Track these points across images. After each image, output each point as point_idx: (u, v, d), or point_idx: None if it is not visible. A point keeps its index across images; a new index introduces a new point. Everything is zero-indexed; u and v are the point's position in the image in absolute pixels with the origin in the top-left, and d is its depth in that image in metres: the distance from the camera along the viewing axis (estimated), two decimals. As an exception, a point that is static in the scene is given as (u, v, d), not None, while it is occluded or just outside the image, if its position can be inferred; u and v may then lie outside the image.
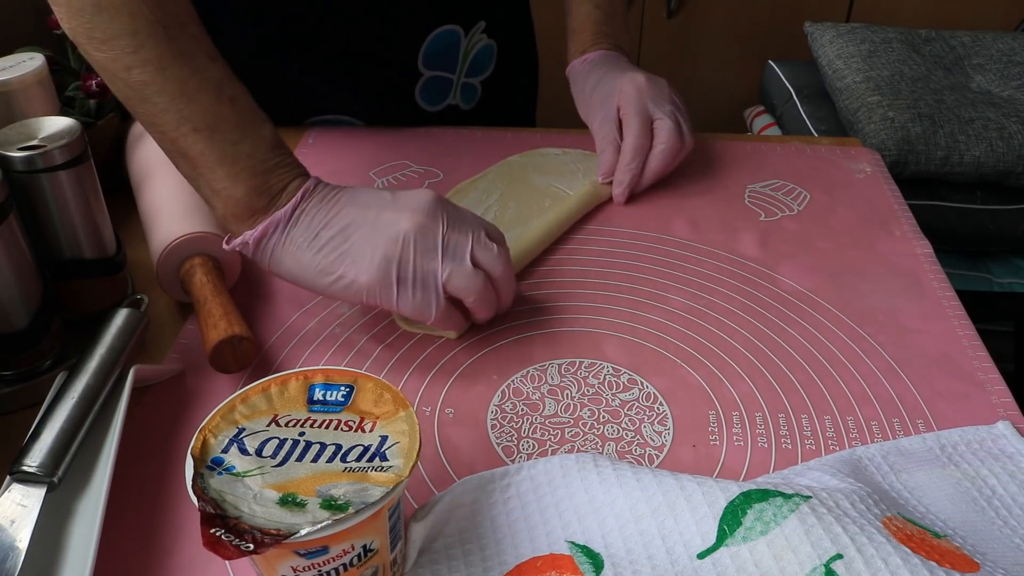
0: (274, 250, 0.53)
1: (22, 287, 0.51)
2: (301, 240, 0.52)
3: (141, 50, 0.49)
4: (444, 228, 0.52)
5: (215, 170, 0.52)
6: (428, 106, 0.85)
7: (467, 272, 0.53)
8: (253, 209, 0.52)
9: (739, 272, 0.65)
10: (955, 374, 0.55)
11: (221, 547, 0.33)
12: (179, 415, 0.52)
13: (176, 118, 0.51)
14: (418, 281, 0.52)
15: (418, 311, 0.52)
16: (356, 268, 0.51)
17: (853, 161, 0.80)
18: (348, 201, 0.53)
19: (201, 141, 0.51)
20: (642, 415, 0.52)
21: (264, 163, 0.53)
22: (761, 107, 1.76)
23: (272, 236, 0.53)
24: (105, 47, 0.50)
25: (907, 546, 0.39)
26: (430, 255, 0.52)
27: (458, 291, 0.53)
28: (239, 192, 0.52)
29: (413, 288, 0.52)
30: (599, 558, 0.41)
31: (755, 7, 1.89)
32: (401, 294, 0.52)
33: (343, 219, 0.52)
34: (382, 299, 0.52)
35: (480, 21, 0.83)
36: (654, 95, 0.73)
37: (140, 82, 0.50)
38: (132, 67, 0.50)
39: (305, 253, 0.52)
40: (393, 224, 0.52)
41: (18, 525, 0.40)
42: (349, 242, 0.52)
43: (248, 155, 0.52)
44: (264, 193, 0.53)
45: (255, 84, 0.56)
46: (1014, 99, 1.46)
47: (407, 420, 0.39)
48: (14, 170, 0.51)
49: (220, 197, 0.53)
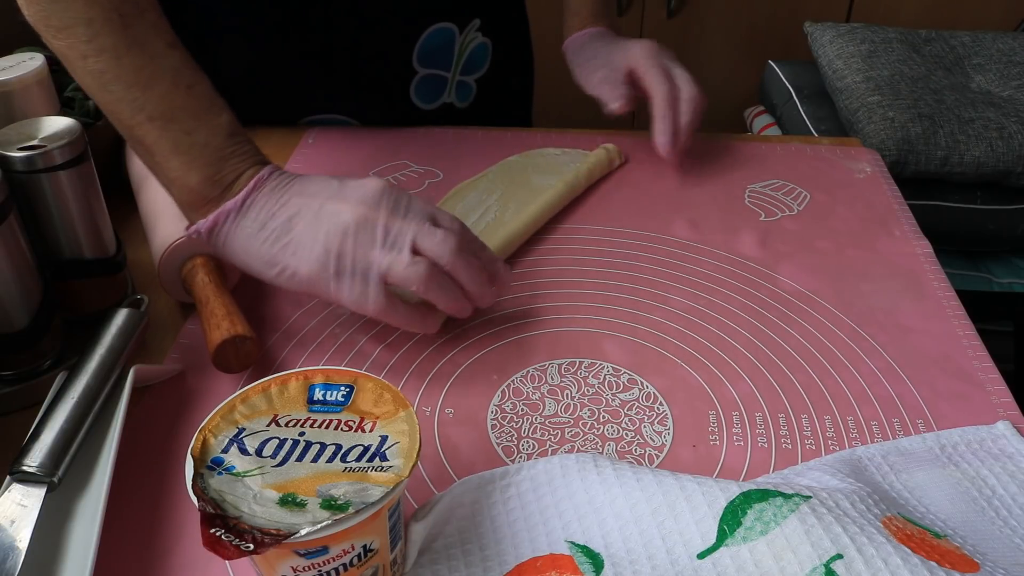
0: (227, 239, 0.53)
1: (22, 287, 0.51)
2: (250, 229, 0.52)
3: (96, 38, 0.49)
4: (386, 217, 0.51)
5: (169, 159, 0.52)
6: (423, 104, 0.85)
7: (406, 261, 0.51)
8: (207, 198, 0.53)
9: (739, 272, 0.65)
10: (955, 374, 0.55)
11: (221, 547, 0.33)
12: (179, 415, 0.52)
13: (131, 107, 0.51)
14: (357, 273, 0.51)
15: (357, 303, 0.52)
16: (297, 259, 0.51)
17: (853, 161, 0.80)
18: (297, 191, 0.53)
19: (156, 130, 0.51)
20: (642, 415, 0.52)
21: (219, 152, 0.53)
22: (761, 107, 1.76)
23: (224, 225, 0.53)
24: (62, 35, 0.50)
25: (907, 546, 0.39)
26: (368, 246, 0.51)
27: (400, 281, 0.51)
28: (192, 181, 0.52)
29: (352, 280, 0.51)
30: (599, 558, 0.41)
31: (755, 7, 1.89)
32: (339, 286, 0.51)
33: (289, 209, 0.52)
34: (322, 290, 0.52)
35: (474, 19, 0.83)
36: (666, 55, 0.77)
37: (96, 70, 0.50)
38: (88, 55, 0.50)
39: (253, 242, 0.52)
40: (335, 215, 0.51)
41: (18, 525, 0.40)
42: (292, 233, 0.51)
43: (203, 144, 0.52)
44: (218, 182, 0.52)
45: (252, 84, 0.56)
46: (1014, 99, 1.46)
47: (407, 420, 0.39)
48: (14, 170, 0.51)
49: (175, 185, 0.53)
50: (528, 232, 0.68)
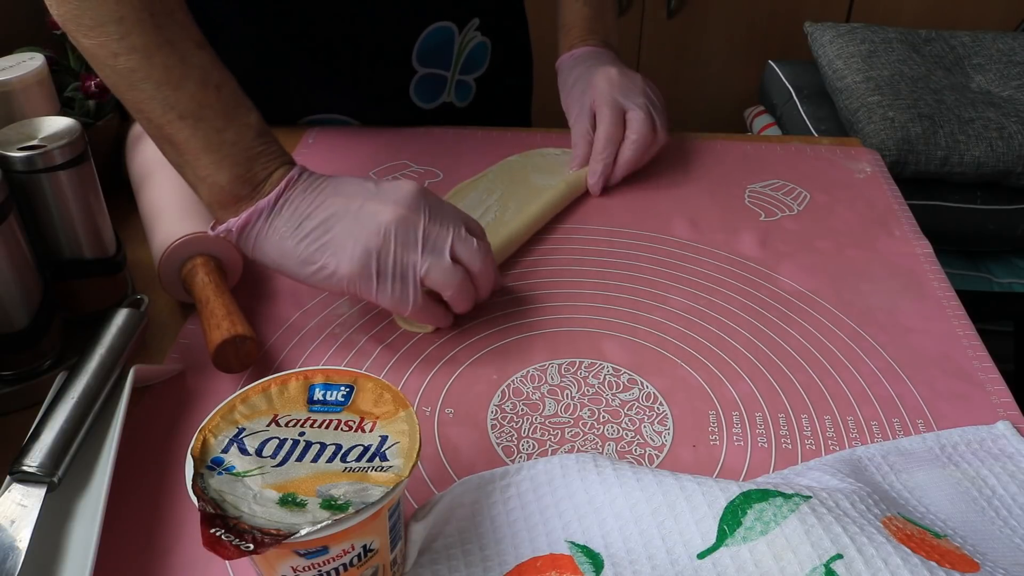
0: (257, 238, 0.53)
1: (22, 287, 0.51)
2: (284, 229, 0.53)
3: (128, 37, 0.50)
4: (425, 221, 0.53)
5: (200, 157, 0.52)
6: (423, 103, 0.85)
7: (446, 266, 0.53)
8: (238, 196, 0.53)
9: (739, 272, 0.65)
10: (955, 374, 0.55)
11: (221, 547, 0.33)
12: (179, 415, 0.52)
13: (162, 105, 0.51)
14: (397, 274, 0.52)
15: (396, 304, 0.53)
16: (337, 259, 0.52)
17: (853, 161, 0.80)
18: (332, 191, 0.53)
19: (186, 128, 0.52)
20: (642, 415, 0.52)
21: (249, 151, 0.53)
22: (761, 107, 1.76)
23: (256, 224, 0.53)
24: (93, 34, 0.50)
25: (907, 546, 0.39)
26: (410, 248, 0.52)
27: (436, 285, 0.53)
28: (223, 179, 0.52)
29: (392, 281, 0.52)
30: (599, 558, 0.41)
31: (755, 7, 1.89)
32: (380, 286, 0.52)
33: (326, 209, 0.53)
34: (362, 290, 0.52)
35: (474, 18, 0.84)
36: (626, 88, 0.74)
37: (127, 69, 0.51)
38: (119, 54, 0.50)
39: (288, 242, 0.53)
40: (375, 216, 0.52)
41: (18, 525, 0.40)
42: (331, 232, 0.52)
43: (233, 143, 0.53)
44: (248, 181, 0.53)
45: (250, 83, 0.56)
46: (1014, 99, 1.46)
47: (407, 420, 0.39)
48: (14, 170, 0.51)
49: (205, 184, 0.53)
50: (529, 232, 0.68)
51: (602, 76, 0.75)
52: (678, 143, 0.82)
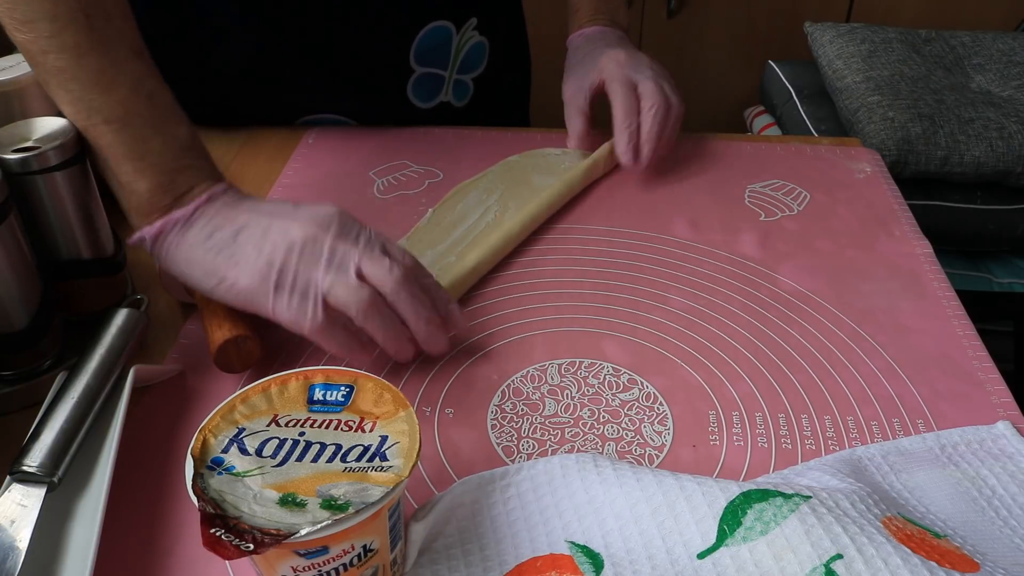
0: (169, 248, 0.53)
1: (22, 287, 0.51)
2: (195, 240, 0.52)
3: (59, 36, 0.49)
4: (332, 238, 0.50)
5: (121, 164, 0.52)
6: (420, 103, 0.85)
7: (349, 284, 0.50)
8: (155, 206, 0.52)
9: (739, 272, 0.65)
10: (955, 374, 0.55)
11: (221, 547, 0.33)
12: (179, 415, 0.52)
13: (87, 108, 0.51)
14: (297, 289, 0.50)
15: (294, 318, 0.50)
16: (238, 270, 0.50)
17: (853, 161, 0.80)
18: (249, 207, 0.53)
19: (110, 133, 0.51)
20: (642, 415, 0.52)
21: (173, 162, 0.52)
22: (761, 107, 1.76)
23: (170, 233, 0.52)
24: (25, 28, 0.50)
25: (907, 546, 0.39)
26: (312, 264, 0.50)
27: (339, 303, 0.50)
28: (142, 187, 0.52)
29: (291, 295, 0.50)
30: (599, 558, 0.41)
31: (755, 7, 1.89)
32: (278, 300, 0.50)
33: (238, 223, 0.52)
34: (259, 303, 0.50)
35: (472, 18, 0.84)
36: (634, 65, 0.75)
37: (56, 68, 0.50)
38: (49, 52, 0.50)
39: (196, 252, 0.52)
40: (283, 231, 0.50)
41: (18, 525, 0.40)
42: (235, 244, 0.51)
43: (157, 152, 0.52)
44: (169, 191, 0.52)
45: (247, 83, 0.56)
46: (1014, 99, 1.46)
47: (407, 420, 0.39)
48: (9, 172, 0.51)
49: (126, 190, 0.53)
50: (525, 232, 0.68)
51: (609, 58, 0.76)
52: (678, 143, 0.82)
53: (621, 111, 0.74)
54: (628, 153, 0.73)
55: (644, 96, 0.74)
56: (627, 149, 0.73)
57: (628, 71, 0.75)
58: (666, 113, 0.74)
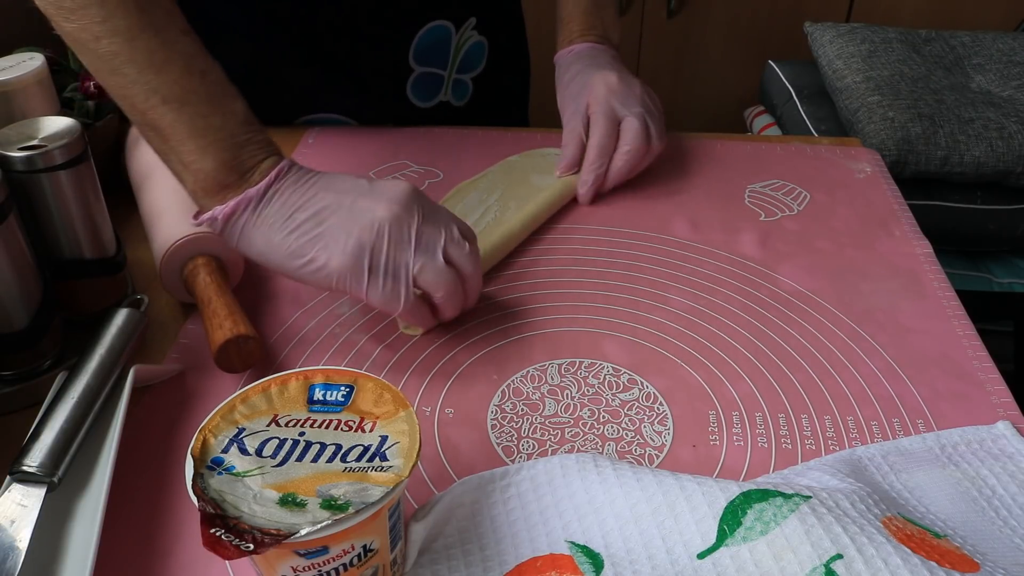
0: (244, 228, 0.52)
1: (22, 287, 0.51)
2: (273, 220, 0.52)
3: (110, 20, 0.49)
4: (419, 221, 0.52)
5: (185, 143, 0.51)
6: (420, 102, 0.85)
7: (439, 267, 0.52)
8: (223, 184, 0.52)
9: (739, 272, 0.65)
10: (955, 374, 0.55)
11: (221, 547, 0.33)
12: (179, 415, 0.52)
13: (145, 89, 0.50)
14: (389, 271, 0.51)
15: (386, 302, 0.52)
16: (328, 253, 0.51)
17: (853, 161, 0.80)
18: (324, 185, 0.53)
19: (170, 113, 0.51)
20: (642, 415, 0.52)
21: (235, 137, 0.52)
22: (761, 107, 1.76)
23: (243, 213, 0.52)
24: (74, 17, 0.50)
25: (907, 546, 0.39)
26: (403, 246, 0.51)
27: (428, 285, 0.52)
28: (209, 165, 0.51)
29: (384, 278, 0.51)
30: (599, 558, 0.41)
31: (755, 7, 1.89)
32: (372, 283, 0.51)
33: (318, 202, 0.52)
34: (352, 286, 0.51)
35: (471, 17, 0.84)
36: (623, 95, 0.73)
37: (109, 52, 0.50)
38: (101, 37, 0.50)
39: (277, 234, 0.51)
40: (369, 212, 0.51)
41: (18, 525, 0.40)
42: (323, 226, 0.51)
43: (218, 128, 0.52)
44: (235, 168, 0.52)
45: (247, 82, 0.56)
46: (1014, 99, 1.46)
47: (407, 420, 0.39)
48: (14, 170, 0.51)
49: (190, 170, 0.52)
50: (525, 232, 0.68)
51: (600, 81, 0.73)
52: (678, 143, 0.82)
53: (595, 149, 0.72)
54: (588, 195, 0.72)
55: (624, 134, 0.72)
56: (588, 191, 0.72)
57: (615, 102, 0.72)
58: (641, 158, 0.72)
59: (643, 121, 0.72)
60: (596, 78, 0.74)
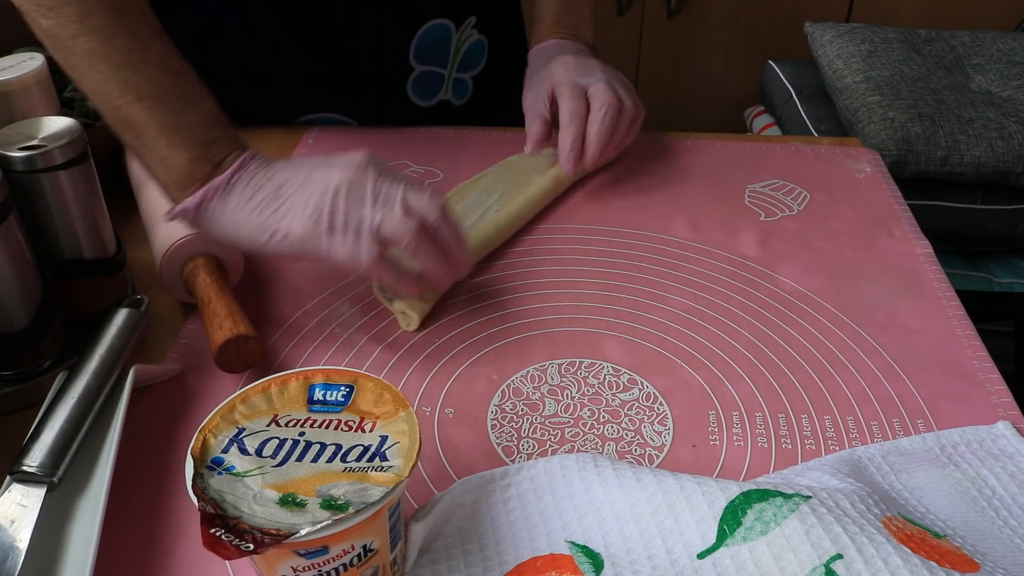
0: (213, 213, 0.54)
1: (22, 287, 0.51)
2: (238, 201, 0.53)
3: (88, 18, 0.51)
4: (374, 179, 0.53)
5: (158, 139, 0.53)
6: (420, 101, 0.85)
7: (398, 216, 0.53)
8: (194, 177, 0.54)
9: (739, 272, 0.65)
10: (955, 374, 0.55)
11: (221, 547, 0.33)
12: (179, 415, 0.52)
13: (121, 87, 0.52)
14: (350, 227, 0.52)
15: (350, 256, 0.53)
16: (289, 221, 0.52)
17: (853, 161, 0.80)
18: (284, 166, 0.55)
19: (145, 110, 0.52)
20: (642, 415, 0.52)
21: (206, 134, 0.54)
22: (761, 107, 1.76)
23: (212, 200, 0.54)
24: (52, 14, 0.51)
25: (907, 546, 0.39)
26: (360, 203, 0.53)
27: (391, 235, 0.53)
28: (181, 160, 0.53)
29: (344, 234, 0.52)
30: (599, 558, 0.41)
31: (755, 7, 1.89)
32: (330, 240, 0.52)
33: (278, 180, 0.54)
34: (314, 246, 0.52)
35: (471, 16, 0.84)
36: (583, 70, 0.73)
37: (86, 50, 0.51)
38: (79, 35, 0.51)
39: (242, 212, 0.53)
40: (324, 179, 0.53)
41: (18, 525, 0.40)
42: (283, 199, 0.53)
43: (190, 125, 0.53)
44: (206, 161, 0.54)
45: (247, 82, 0.56)
46: (1014, 99, 1.46)
47: (407, 420, 0.39)
48: (14, 170, 0.51)
49: (163, 164, 0.54)
50: (517, 223, 0.68)
51: (558, 64, 0.74)
52: (678, 143, 0.82)
53: (567, 114, 0.71)
54: (569, 160, 0.71)
55: (594, 97, 0.71)
56: (569, 156, 0.71)
57: (576, 75, 0.72)
58: (616, 114, 0.71)
59: (608, 84, 0.71)
60: (554, 63, 0.74)
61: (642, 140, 0.81)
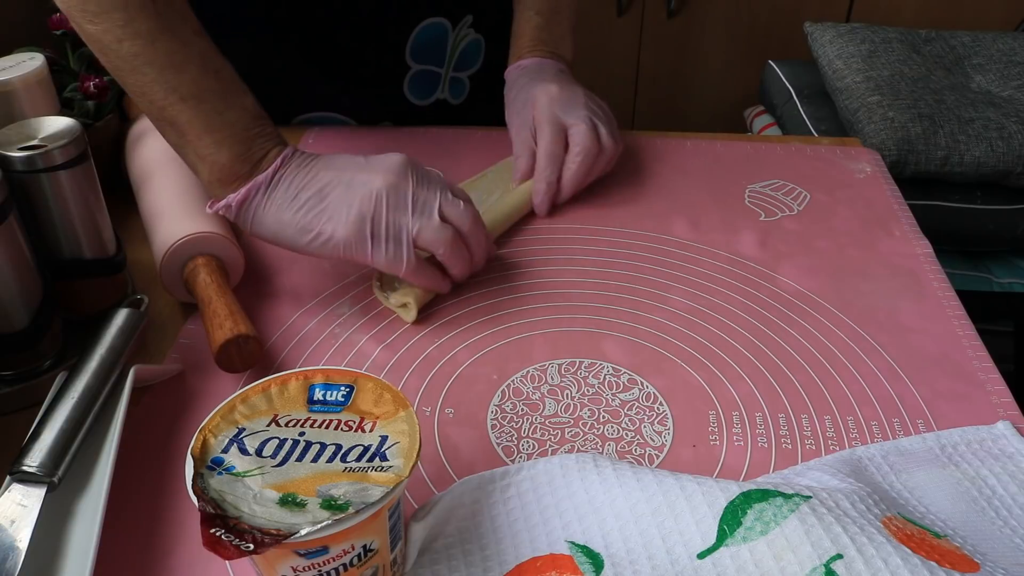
0: (256, 211, 0.56)
1: (22, 287, 0.51)
2: (281, 201, 0.55)
3: (132, 23, 0.52)
4: (414, 186, 0.56)
5: (201, 137, 0.55)
6: (417, 100, 0.85)
7: (436, 225, 0.56)
8: (236, 174, 0.55)
9: (739, 272, 0.65)
10: (955, 374, 0.55)
11: (221, 547, 0.33)
12: (179, 415, 0.52)
13: (164, 88, 0.53)
14: (391, 235, 0.55)
15: (391, 264, 0.56)
16: (333, 224, 0.54)
17: (853, 161, 0.80)
18: (324, 165, 0.57)
19: (188, 110, 0.54)
20: (642, 415, 0.52)
21: (247, 131, 0.56)
22: (761, 107, 1.76)
23: (254, 198, 0.55)
24: (98, 20, 0.52)
25: (907, 546, 0.39)
26: (401, 211, 0.55)
27: (428, 244, 0.56)
28: (224, 158, 0.55)
29: (386, 242, 0.55)
30: (599, 558, 0.41)
31: (755, 7, 1.89)
32: (375, 248, 0.55)
33: (320, 181, 0.56)
34: (358, 253, 0.55)
35: (467, 15, 0.84)
36: (566, 103, 0.72)
37: (131, 53, 0.53)
38: (123, 39, 0.52)
39: (285, 213, 0.55)
40: (367, 184, 0.55)
41: (18, 525, 0.40)
42: (326, 201, 0.55)
43: (232, 123, 0.55)
44: (247, 159, 0.55)
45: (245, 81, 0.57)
46: (1014, 99, 1.46)
47: (407, 420, 0.39)
48: (14, 170, 0.51)
49: (206, 163, 0.55)
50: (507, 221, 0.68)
51: (542, 91, 0.72)
52: (678, 143, 0.82)
53: (544, 157, 0.71)
54: (544, 204, 0.71)
55: (573, 139, 0.71)
56: (543, 200, 0.71)
57: (558, 110, 0.71)
58: (593, 159, 0.71)
59: (590, 123, 0.71)
60: (538, 90, 0.73)
61: (642, 140, 0.81)
